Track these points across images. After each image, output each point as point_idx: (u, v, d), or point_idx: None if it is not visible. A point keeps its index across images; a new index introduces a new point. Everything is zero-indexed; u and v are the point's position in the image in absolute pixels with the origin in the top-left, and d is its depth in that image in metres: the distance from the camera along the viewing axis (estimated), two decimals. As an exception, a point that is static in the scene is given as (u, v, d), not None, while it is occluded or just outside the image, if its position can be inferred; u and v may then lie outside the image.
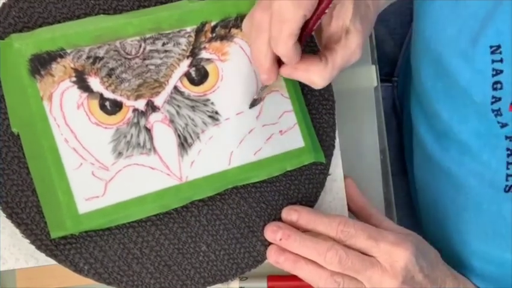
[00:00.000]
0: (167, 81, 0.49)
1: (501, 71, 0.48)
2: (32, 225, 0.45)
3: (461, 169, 0.55)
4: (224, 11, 0.52)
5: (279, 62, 0.47)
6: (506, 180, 0.51)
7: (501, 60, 0.47)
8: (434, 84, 0.55)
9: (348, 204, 0.56)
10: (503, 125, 0.50)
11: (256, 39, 0.45)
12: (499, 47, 0.47)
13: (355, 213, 0.56)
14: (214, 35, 0.51)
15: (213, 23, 0.51)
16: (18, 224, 0.45)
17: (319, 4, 0.43)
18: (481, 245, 0.55)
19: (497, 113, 0.49)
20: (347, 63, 0.46)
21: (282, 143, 0.52)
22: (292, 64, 0.46)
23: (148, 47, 0.49)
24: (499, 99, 0.49)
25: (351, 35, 0.46)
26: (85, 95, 0.47)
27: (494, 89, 0.49)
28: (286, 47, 0.43)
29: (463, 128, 0.54)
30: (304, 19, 0.42)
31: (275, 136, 0.52)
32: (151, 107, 0.48)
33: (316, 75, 0.46)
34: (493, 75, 0.48)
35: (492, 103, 0.49)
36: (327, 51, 0.46)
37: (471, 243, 0.56)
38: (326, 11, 0.44)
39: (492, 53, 0.48)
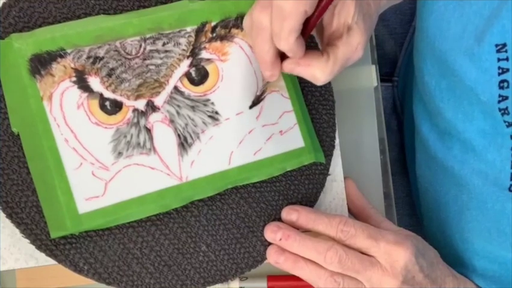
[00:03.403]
0: (168, 81, 0.49)
1: (507, 70, 0.47)
2: (32, 225, 0.45)
3: (465, 168, 0.55)
4: (224, 11, 0.52)
5: (282, 58, 0.47)
6: (511, 179, 0.51)
7: (507, 59, 0.47)
8: (438, 83, 0.55)
9: (347, 205, 0.56)
10: (510, 124, 0.49)
11: (257, 37, 0.46)
12: (504, 45, 0.47)
13: (354, 214, 0.56)
14: (214, 35, 0.51)
15: (213, 23, 0.51)
16: (18, 224, 0.45)
17: (320, 0, 0.43)
18: (484, 244, 0.55)
19: (504, 111, 0.49)
20: (349, 60, 0.46)
21: (282, 143, 0.52)
22: (296, 58, 0.46)
23: (148, 47, 0.49)
24: (506, 97, 0.48)
25: (352, 32, 0.46)
26: (85, 95, 0.47)
27: (501, 87, 0.48)
28: (288, 42, 0.43)
29: (467, 127, 0.53)
30: (305, 15, 0.42)
31: (275, 136, 0.52)
32: (151, 107, 0.48)
33: (317, 70, 0.46)
34: (499, 74, 0.48)
35: (499, 102, 0.49)
36: (329, 47, 0.46)
37: (474, 243, 0.56)
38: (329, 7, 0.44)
39: (498, 51, 0.47)
